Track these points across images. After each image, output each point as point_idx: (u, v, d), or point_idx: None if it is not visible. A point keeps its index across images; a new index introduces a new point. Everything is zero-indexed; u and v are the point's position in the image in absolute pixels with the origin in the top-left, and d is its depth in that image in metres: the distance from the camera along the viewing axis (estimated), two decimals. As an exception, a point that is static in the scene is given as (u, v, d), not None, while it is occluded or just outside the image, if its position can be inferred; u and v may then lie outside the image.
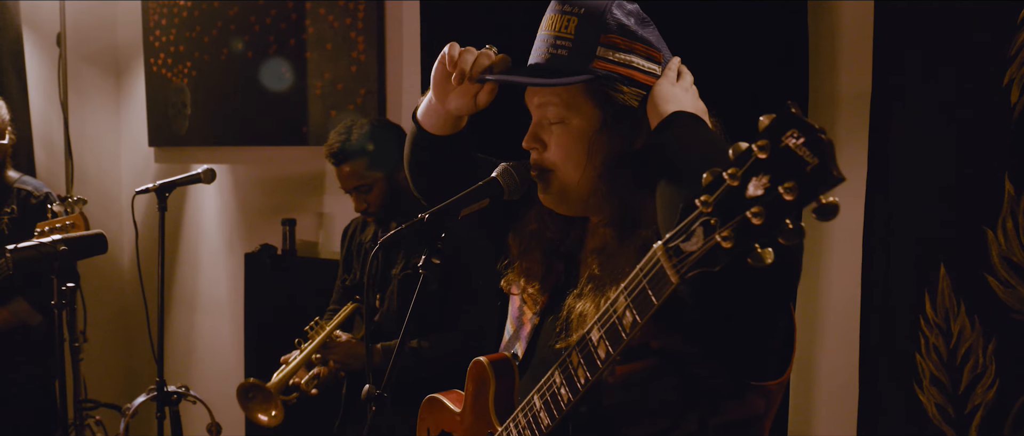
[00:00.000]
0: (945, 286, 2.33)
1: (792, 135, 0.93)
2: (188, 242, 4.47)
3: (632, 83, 1.40)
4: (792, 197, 0.92)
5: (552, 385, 1.35)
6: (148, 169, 4.59)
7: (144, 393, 3.15)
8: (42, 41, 4.29)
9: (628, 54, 1.39)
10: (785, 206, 0.93)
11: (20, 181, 3.27)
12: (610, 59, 1.39)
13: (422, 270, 1.38)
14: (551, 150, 1.44)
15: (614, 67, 1.39)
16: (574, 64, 1.39)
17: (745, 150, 0.97)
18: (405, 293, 2.72)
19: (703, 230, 1.03)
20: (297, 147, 3.91)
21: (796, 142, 0.93)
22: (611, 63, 1.39)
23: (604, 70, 1.38)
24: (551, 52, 1.42)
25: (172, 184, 3.01)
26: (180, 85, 4.31)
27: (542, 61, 1.43)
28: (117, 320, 4.65)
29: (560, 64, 1.40)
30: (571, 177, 1.42)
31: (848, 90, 2.56)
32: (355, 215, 3.11)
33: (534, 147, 1.46)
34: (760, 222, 0.95)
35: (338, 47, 3.71)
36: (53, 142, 4.34)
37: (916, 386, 2.39)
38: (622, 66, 1.39)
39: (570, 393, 1.32)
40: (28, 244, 2.42)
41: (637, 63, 1.40)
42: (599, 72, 1.38)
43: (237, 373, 4.16)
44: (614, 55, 1.39)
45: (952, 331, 2.33)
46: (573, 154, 1.41)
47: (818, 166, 0.92)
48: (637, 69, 1.40)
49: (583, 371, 1.29)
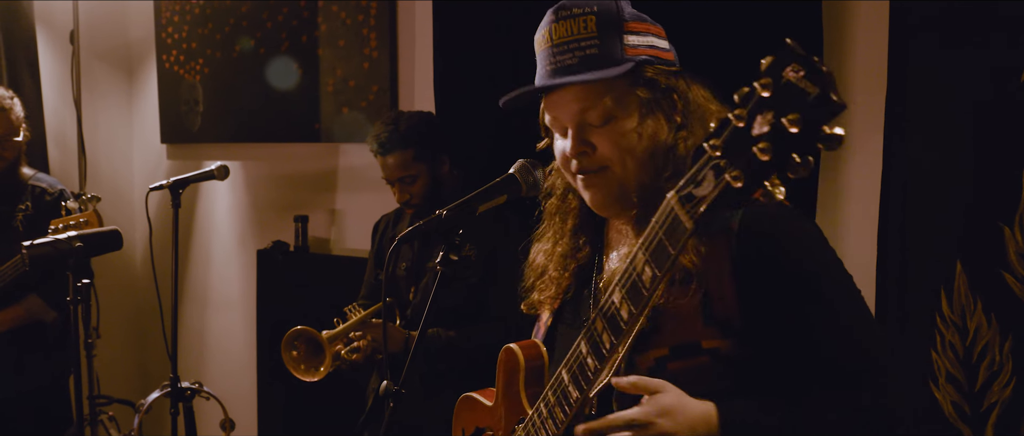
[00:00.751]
0: (961, 283, 2.32)
1: (793, 69, 0.95)
2: (200, 239, 4.49)
3: (662, 62, 1.43)
4: (796, 129, 0.94)
5: (578, 355, 1.34)
6: (160, 166, 4.60)
7: (158, 389, 3.16)
8: (56, 39, 4.31)
9: (648, 36, 1.43)
10: (791, 138, 0.94)
11: (35, 178, 3.28)
12: (640, 45, 1.41)
13: (440, 267, 1.39)
14: (603, 149, 1.42)
15: (644, 51, 1.41)
16: (611, 57, 1.39)
17: (748, 91, 0.99)
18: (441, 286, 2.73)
19: (713, 173, 1.04)
20: (309, 144, 3.92)
21: (796, 75, 0.95)
22: (639, 48, 1.41)
23: (639, 56, 1.41)
24: (578, 55, 1.40)
25: (185, 181, 3.01)
26: (192, 82, 4.32)
27: (570, 65, 1.41)
28: (130, 317, 4.67)
29: (594, 63, 1.39)
30: (629, 169, 1.41)
31: (862, 87, 2.55)
32: (384, 210, 3.11)
33: (583, 151, 1.42)
34: (768, 158, 0.96)
35: (350, 44, 3.71)
36: (66, 139, 4.36)
37: (932, 384, 2.38)
38: (649, 48, 1.42)
39: (597, 361, 1.30)
40: (44, 241, 2.43)
41: (657, 44, 1.44)
42: (638, 59, 1.40)
43: (250, 369, 4.17)
44: (639, 39, 1.41)
45: (968, 328, 2.32)
46: (628, 146, 1.40)
47: (819, 95, 0.93)
48: (659, 49, 1.44)
49: (608, 335, 1.27)
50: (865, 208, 2.52)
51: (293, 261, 3.89)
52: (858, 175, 2.57)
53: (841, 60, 2.57)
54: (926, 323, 2.37)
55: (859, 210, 2.56)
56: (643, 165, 1.40)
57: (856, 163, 2.59)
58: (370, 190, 3.75)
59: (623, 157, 1.40)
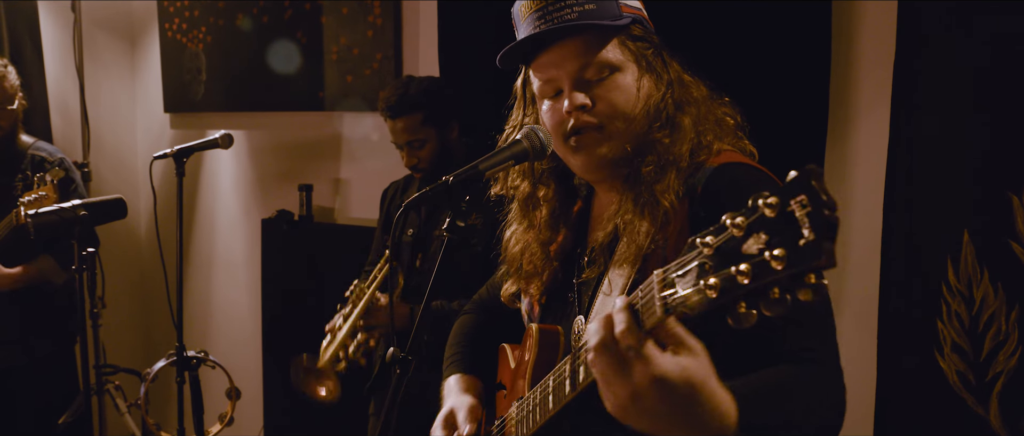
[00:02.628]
0: (969, 253, 2.31)
1: (800, 202, 0.87)
2: (205, 208, 4.48)
3: (644, 23, 1.46)
4: (780, 267, 0.86)
5: (561, 373, 1.33)
6: (163, 135, 4.59)
7: (164, 358, 3.16)
8: (57, 7, 4.28)
9: None
10: (773, 273, 0.88)
11: (35, 147, 3.27)
12: (632, 5, 1.45)
13: (446, 233, 1.38)
14: (600, 105, 1.41)
15: (635, 11, 1.45)
16: (609, 12, 1.41)
17: (755, 203, 0.92)
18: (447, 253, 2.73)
19: (697, 271, 0.96)
20: (313, 113, 3.90)
21: (801, 211, 0.87)
22: (631, 7, 1.45)
23: (631, 15, 1.43)
24: (577, 10, 1.40)
25: (189, 149, 3.00)
26: (195, 50, 4.29)
27: (570, 19, 1.40)
28: (134, 286, 4.68)
29: (594, 17, 1.39)
30: (622, 128, 1.41)
31: (869, 55, 2.53)
32: (388, 179, 3.10)
33: (583, 105, 1.41)
34: (746, 282, 0.90)
35: (354, 12, 3.68)
36: (69, 108, 4.34)
37: (937, 353, 2.38)
38: (636, 9, 1.46)
39: (570, 388, 1.28)
40: (49, 209, 2.43)
41: (642, 8, 1.48)
42: (635, 16, 1.43)
43: (255, 338, 4.18)
44: (635, 3, 1.46)
45: (975, 298, 2.32)
46: (625, 102, 1.41)
47: (812, 243, 0.85)
48: (642, 10, 1.48)
49: (585, 373, 1.23)
50: (871, 177, 2.51)
51: (298, 230, 3.89)
52: (865, 143, 2.56)
53: (849, 24, 2.55)
54: (932, 293, 2.37)
55: (865, 179, 2.55)
56: (637, 122, 1.40)
57: (863, 131, 2.57)
58: (374, 159, 3.74)
59: (619, 113, 1.40)
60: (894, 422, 2.46)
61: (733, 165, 1.38)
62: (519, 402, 1.51)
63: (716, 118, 1.44)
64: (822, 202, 0.85)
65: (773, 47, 2.56)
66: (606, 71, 1.41)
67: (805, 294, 0.86)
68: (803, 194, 0.87)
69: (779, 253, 0.87)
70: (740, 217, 0.93)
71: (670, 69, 1.43)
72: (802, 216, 0.86)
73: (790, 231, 0.87)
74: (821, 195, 0.86)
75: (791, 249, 0.86)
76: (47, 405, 3.43)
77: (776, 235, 0.88)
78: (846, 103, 2.59)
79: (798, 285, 0.87)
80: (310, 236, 3.87)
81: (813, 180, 0.87)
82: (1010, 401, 2.27)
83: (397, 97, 2.77)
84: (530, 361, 1.51)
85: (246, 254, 4.29)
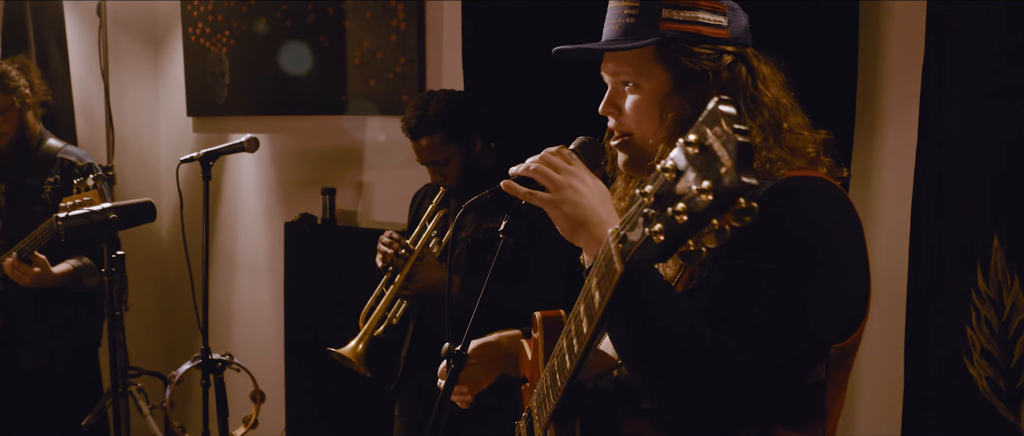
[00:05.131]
0: (998, 259, 2.29)
1: (715, 133, 0.93)
2: (226, 211, 4.50)
3: (700, 39, 1.45)
4: (709, 198, 0.91)
5: (560, 349, 1.40)
6: (186, 139, 4.62)
7: (189, 361, 3.19)
8: (82, 11, 4.32)
9: (692, 11, 1.45)
10: (705, 206, 0.92)
11: (64, 151, 3.30)
12: (675, 19, 1.45)
13: (503, 234, 1.44)
14: (626, 115, 1.51)
15: (680, 26, 1.44)
16: (642, 29, 1.46)
17: (680, 143, 0.97)
18: (475, 256, 2.74)
19: (643, 221, 1.04)
20: (336, 116, 3.91)
21: (718, 142, 0.92)
22: (677, 23, 1.45)
23: (672, 31, 1.44)
24: (621, 22, 1.49)
25: (216, 153, 3.02)
26: (218, 54, 4.32)
27: (615, 31, 1.50)
28: (156, 289, 4.70)
29: (630, 32, 1.47)
30: (647, 141, 1.49)
31: (898, 58, 2.52)
32: (411, 183, 3.12)
33: (610, 113, 1.53)
34: (685, 220, 0.95)
35: (377, 15, 3.69)
36: (94, 112, 4.38)
37: (966, 359, 2.36)
38: (688, 23, 1.44)
39: (570, 361, 1.34)
40: (79, 212, 2.45)
41: (703, 18, 1.45)
42: (667, 34, 1.44)
43: (277, 342, 4.20)
44: (679, 15, 1.45)
45: (1005, 304, 2.30)
46: (646, 117, 1.48)
47: (730, 169, 0.90)
48: (703, 24, 1.45)
49: (577, 341, 1.31)
50: (900, 181, 2.50)
51: (321, 234, 3.90)
52: (892, 148, 2.55)
53: (877, 28, 2.54)
54: (961, 298, 2.35)
55: (893, 183, 2.54)
56: (664, 140, 1.44)
57: (891, 135, 2.56)
58: (397, 163, 3.75)
59: (642, 128, 1.48)
60: (923, 428, 2.45)
61: (801, 177, 1.39)
62: (536, 390, 1.54)
63: (789, 145, 1.44)
64: (735, 130, 0.91)
65: (798, 49, 2.53)
66: (632, 84, 1.49)
67: (738, 219, 0.91)
68: (717, 125, 0.93)
69: (706, 185, 0.91)
70: (670, 161, 0.98)
71: (716, 84, 1.44)
72: (718, 146, 0.92)
73: (711, 163, 0.92)
74: (733, 123, 0.91)
75: (715, 179, 0.91)
76: (71, 407, 3.45)
77: (702, 170, 0.93)
78: (873, 107, 2.58)
79: (730, 210, 0.91)
80: (333, 239, 3.88)
81: (722, 107, 0.93)
82: (1041, 408, 2.26)
83: (417, 118, 2.77)
84: (540, 349, 1.59)
85: (268, 257, 4.31)
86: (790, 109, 1.48)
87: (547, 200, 1.38)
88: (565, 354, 1.36)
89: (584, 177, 1.40)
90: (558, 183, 1.38)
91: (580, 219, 1.36)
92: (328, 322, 3.84)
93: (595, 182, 1.41)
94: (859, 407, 2.67)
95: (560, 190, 1.37)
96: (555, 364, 1.42)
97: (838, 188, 1.42)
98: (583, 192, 1.38)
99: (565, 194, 1.37)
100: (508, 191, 1.41)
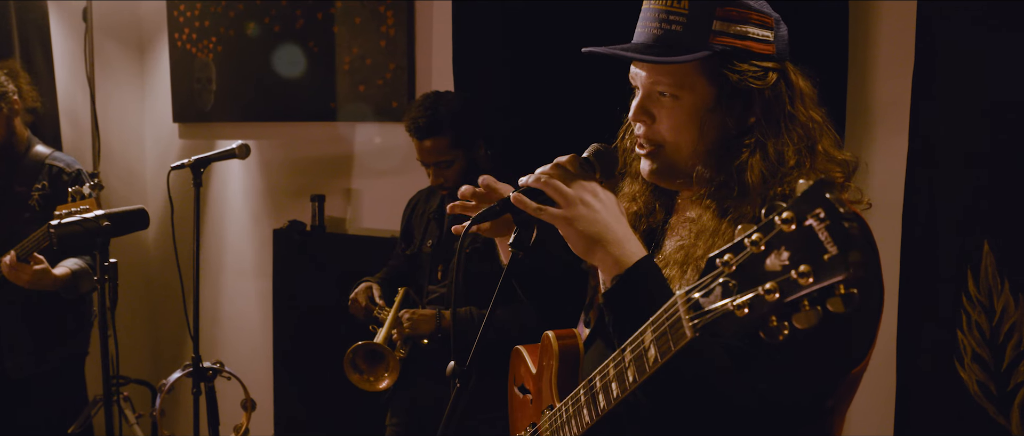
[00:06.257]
0: (989, 263, 2.32)
1: (817, 216, 0.89)
2: (214, 218, 4.47)
3: (749, 56, 1.38)
4: (807, 283, 0.88)
5: (592, 386, 1.35)
6: (172, 145, 4.58)
7: (179, 369, 3.16)
8: (68, 17, 4.28)
9: (743, 24, 1.37)
10: (801, 289, 0.90)
11: (52, 157, 3.26)
12: (727, 33, 1.37)
13: (512, 248, 1.39)
14: (661, 124, 1.43)
15: (731, 41, 1.37)
16: (690, 40, 1.37)
17: (770, 219, 0.94)
18: (470, 266, 2.74)
19: (722, 290, 1.00)
20: (325, 123, 3.90)
21: (819, 225, 0.89)
22: (728, 37, 1.37)
23: (722, 45, 1.36)
24: (664, 27, 1.39)
25: (207, 159, 3.00)
26: (205, 60, 4.29)
27: (655, 35, 1.40)
28: (142, 296, 4.66)
29: (674, 40, 1.38)
30: (681, 153, 1.42)
31: (888, 63, 2.54)
32: (401, 190, 3.10)
33: (643, 121, 1.44)
34: (775, 299, 0.92)
35: (367, 21, 3.69)
36: (79, 117, 4.33)
37: (957, 363, 2.39)
38: (739, 38, 1.37)
39: (605, 400, 1.31)
40: (72, 220, 2.42)
41: (753, 33, 1.38)
42: (717, 48, 1.36)
43: (265, 348, 4.17)
44: (731, 29, 1.37)
45: (995, 309, 2.33)
46: (685, 131, 1.40)
47: (837, 257, 0.87)
48: (752, 39, 1.38)
49: (617, 385, 1.28)
50: (891, 187, 2.52)
51: (310, 241, 3.88)
52: (884, 152, 2.57)
53: (867, 32, 2.56)
54: (952, 303, 2.37)
55: (885, 189, 2.56)
56: (699, 156, 1.40)
57: (881, 141, 2.58)
58: (387, 170, 3.74)
59: (678, 140, 1.41)
60: (915, 431, 2.47)
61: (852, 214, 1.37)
62: (550, 411, 1.52)
63: (821, 168, 1.40)
64: (840, 215, 0.88)
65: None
66: (672, 95, 1.40)
67: (835, 305, 0.88)
68: (819, 208, 0.89)
69: (804, 269, 0.89)
70: (756, 233, 0.95)
71: (760, 105, 1.38)
72: (821, 229, 0.88)
73: (812, 246, 0.89)
74: (838, 208, 0.88)
75: (816, 264, 0.88)
76: (57, 416, 3.42)
77: (798, 251, 0.90)
78: (864, 111, 2.60)
79: (828, 297, 0.89)
80: (322, 246, 3.86)
81: (827, 193, 0.89)
82: (1032, 411, 2.28)
83: (426, 118, 2.75)
84: (553, 371, 1.55)
85: (256, 264, 4.28)
86: (824, 128, 1.43)
87: (559, 216, 1.32)
88: (599, 393, 1.32)
89: (597, 191, 1.35)
90: (570, 197, 1.32)
91: (595, 237, 1.31)
92: (317, 330, 3.82)
93: (608, 196, 1.36)
94: (851, 412, 2.67)
95: (572, 205, 1.32)
96: (583, 397, 1.37)
97: (862, 218, 1.38)
98: (597, 208, 1.32)
99: (578, 210, 1.31)
100: (518, 205, 1.34)
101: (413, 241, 3.01)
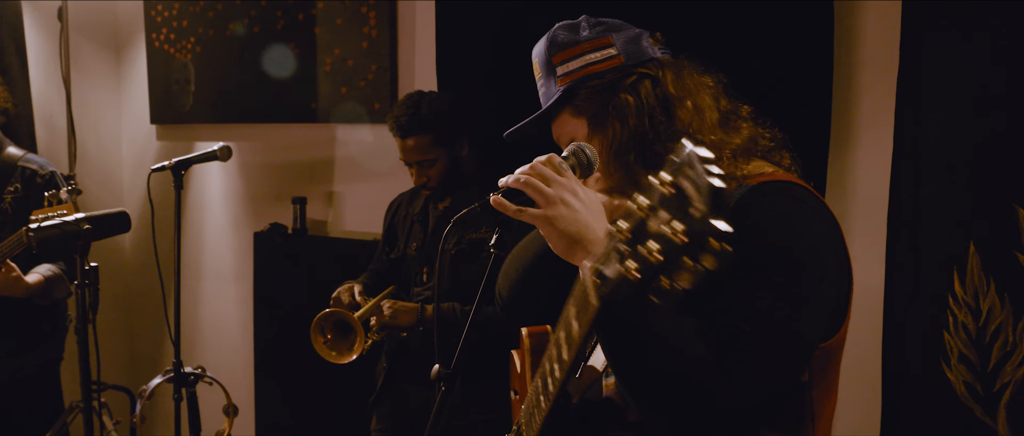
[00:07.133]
0: (974, 264, 2.33)
1: (688, 176, 0.94)
2: (192, 221, 4.42)
3: (596, 76, 1.53)
4: (683, 240, 0.93)
5: (544, 371, 1.38)
6: (149, 147, 4.52)
7: (160, 375, 3.11)
8: (42, 16, 4.21)
9: (579, 58, 1.55)
10: (678, 246, 0.93)
11: (25, 159, 3.20)
12: (569, 72, 1.55)
13: (494, 249, 1.39)
14: None
15: (575, 75, 1.54)
16: (550, 91, 1.58)
17: (651, 183, 0.99)
18: (457, 268, 2.72)
19: (617, 257, 1.03)
20: (306, 125, 3.86)
21: (690, 184, 0.94)
22: (571, 74, 1.54)
23: (570, 82, 1.54)
24: (541, 95, 1.62)
25: (188, 162, 2.96)
26: (184, 61, 4.24)
27: (541, 103, 1.62)
28: (118, 301, 4.59)
29: (546, 100, 1.60)
30: (608, 173, 1.53)
31: (873, 64, 2.55)
32: (383, 192, 3.08)
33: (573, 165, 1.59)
34: (660, 260, 0.96)
35: (348, 22, 3.65)
36: (54, 119, 4.26)
37: (943, 364, 2.40)
38: (579, 70, 1.54)
39: (552, 384, 1.34)
40: (51, 223, 2.37)
41: (591, 58, 1.54)
42: (568, 86, 1.54)
43: (246, 353, 4.13)
44: (570, 66, 1.55)
45: (981, 309, 2.34)
46: (603, 156, 1.52)
47: (706, 213, 0.91)
48: (593, 63, 1.54)
49: (558, 366, 1.30)
50: (876, 188, 2.52)
51: (291, 243, 3.84)
52: (869, 154, 2.58)
53: (851, 35, 2.57)
54: (938, 304, 2.38)
55: (870, 190, 2.57)
56: (618, 168, 1.49)
57: (867, 142, 2.59)
58: (369, 172, 3.71)
59: (601, 165, 1.52)
60: (902, 433, 2.48)
61: (771, 183, 1.40)
62: (524, 406, 1.55)
63: (735, 147, 1.46)
64: (710, 173, 0.93)
65: (772, 51, 2.55)
66: (572, 136, 1.56)
67: (709, 260, 0.92)
68: (692, 167, 0.95)
69: (679, 227, 0.93)
70: (643, 198, 1.00)
71: (633, 100, 1.50)
72: (692, 189, 0.94)
73: (686, 205, 0.94)
74: (709, 166, 0.94)
75: (688, 222, 0.93)
76: (31, 423, 3.36)
77: (675, 211, 0.95)
78: (849, 111, 2.60)
79: (703, 252, 0.92)
80: (304, 249, 3.83)
81: (700, 153, 0.95)
82: (1018, 411, 2.29)
83: (408, 117, 2.74)
84: (527, 364, 1.61)
85: (237, 267, 4.23)
86: (716, 109, 1.50)
87: (539, 216, 1.35)
88: (548, 377, 1.36)
89: (577, 190, 1.37)
90: (550, 197, 1.34)
91: (575, 236, 1.33)
92: (298, 333, 3.78)
93: (588, 194, 1.38)
94: (838, 413, 2.67)
95: (552, 205, 1.34)
96: (539, 384, 1.41)
97: (804, 186, 1.43)
98: (577, 207, 1.35)
99: (557, 210, 1.34)
100: (498, 208, 1.36)
101: (397, 244, 2.99)
